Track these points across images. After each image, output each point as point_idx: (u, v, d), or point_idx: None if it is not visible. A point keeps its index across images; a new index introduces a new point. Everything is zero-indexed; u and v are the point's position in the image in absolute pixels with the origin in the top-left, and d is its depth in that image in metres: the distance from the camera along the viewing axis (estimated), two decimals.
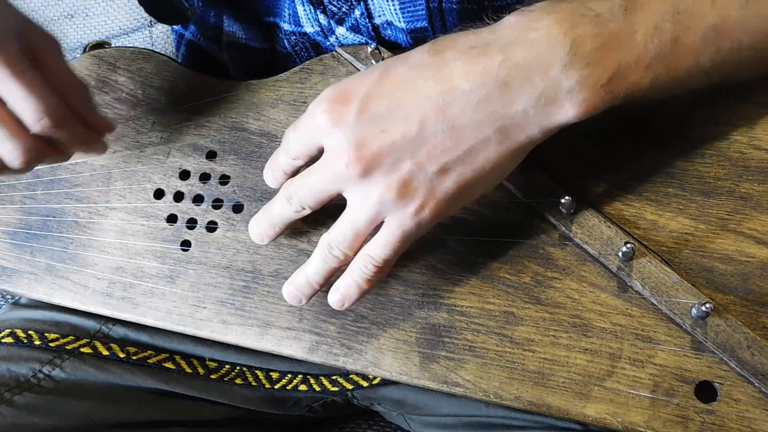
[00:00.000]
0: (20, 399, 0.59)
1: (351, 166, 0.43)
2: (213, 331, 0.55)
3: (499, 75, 0.41)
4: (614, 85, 0.41)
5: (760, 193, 0.49)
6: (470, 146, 0.42)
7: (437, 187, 0.43)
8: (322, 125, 0.44)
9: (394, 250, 0.46)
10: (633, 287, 0.49)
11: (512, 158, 0.43)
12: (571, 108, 0.41)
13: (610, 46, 0.41)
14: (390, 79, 0.43)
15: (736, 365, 0.47)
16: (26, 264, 0.60)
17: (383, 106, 0.43)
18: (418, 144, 0.42)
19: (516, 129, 0.42)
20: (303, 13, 0.58)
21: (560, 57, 0.40)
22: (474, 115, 0.41)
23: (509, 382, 0.49)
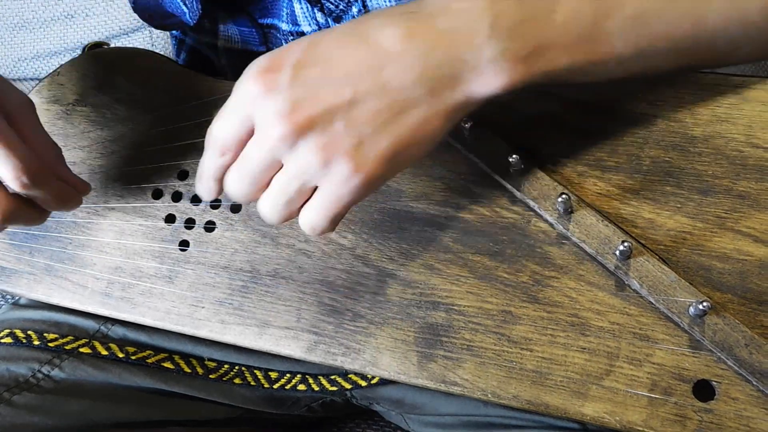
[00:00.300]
0: (19, 399, 0.59)
1: (285, 131, 0.42)
2: (211, 330, 0.55)
3: (426, 40, 0.42)
4: (533, 61, 0.43)
5: (757, 191, 0.49)
6: (402, 107, 0.42)
7: (372, 149, 0.43)
8: (254, 95, 0.43)
9: (331, 217, 0.45)
10: (631, 286, 0.49)
11: (444, 120, 0.44)
12: (492, 77, 0.43)
13: (530, 23, 0.42)
14: (320, 46, 0.43)
15: (734, 364, 0.46)
16: (25, 264, 0.60)
17: (315, 71, 0.43)
18: (351, 107, 0.42)
19: (444, 92, 0.43)
20: (300, 11, 0.58)
21: (483, 28, 0.42)
22: (404, 78, 0.42)
23: (507, 381, 0.49)
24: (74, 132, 0.63)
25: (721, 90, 0.51)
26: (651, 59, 0.45)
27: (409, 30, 0.42)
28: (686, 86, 0.52)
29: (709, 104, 0.51)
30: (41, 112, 0.63)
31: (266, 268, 0.55)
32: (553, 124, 0.53)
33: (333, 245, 0.54)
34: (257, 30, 0.63)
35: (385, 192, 0.55)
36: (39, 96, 0.64)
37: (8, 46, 1.04)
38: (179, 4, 0.60)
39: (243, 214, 0.57)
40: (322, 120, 0.42)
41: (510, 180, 0.52)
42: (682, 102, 0.51)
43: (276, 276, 0.55)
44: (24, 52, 1.03)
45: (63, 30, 1.01)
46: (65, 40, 1.02)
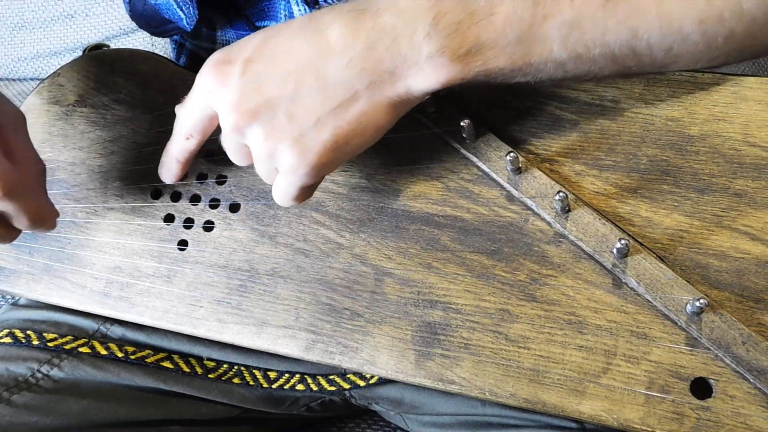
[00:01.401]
0: (19, 398, 0.59)
1: (235, 121, 0.46)
2: (209, 330, 0.56)
3: (369, 36, 0.45)
4: (470, 59, 0.44)
5: (754, 189, 0.49)
6: (342, 100, 0.45)
7: (314, 140, 0.46)
8: (211, 86, 0.47)
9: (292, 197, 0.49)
10: (628, 284, 0.49)
11: (385, 113, 0.46)
12: (430, 73, 0.44)
13: (469, 23, 0.44)
14: (271, 42, 0.46)
15: (732, 361, 0.47)
16: (24, 264, 0.61)
17: (262, 66, 0.46)
18: (292, 100, 0.45)
19: (384, 86, 0.45)
20: (298, 13, 0.59)
21: (423, 26, 0.44)
22: (345, 73, 0.45)
23: (504, 379, 0.49)
24: (74, 132, 0.63)
25: (718, 89, 0.51)
26: (588, 64, 0.46)
27: (354, 26, 0.45)
28: (683, 85, 0.52)
29: (706, 103, 0.51)
30: (41, 113, 0.64)
31: (264, 267, 0.55)
32: (551, 123, 0.53)
33: (331, 244, 0.55)
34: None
35: (383, 191, 0.55)
36: (39, 97, 0.64)
37: (8, 46, 1.04)
38: (176, 10, 0.60)
39: (242, 214, 0.57)
40: (265, 111, 0.46)
41: (507, 179, 0.52)
42: (679, 101, 0.52)
43: (274, 275, 0.55)
44: (24, 52, 1.04)
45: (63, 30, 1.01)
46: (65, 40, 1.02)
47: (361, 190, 0.55)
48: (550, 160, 0.52)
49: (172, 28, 0.64)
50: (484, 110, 0.54)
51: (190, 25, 0.60)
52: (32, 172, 0.51)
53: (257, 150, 0.47)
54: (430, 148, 0.54)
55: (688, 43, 0.45)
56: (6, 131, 0.50)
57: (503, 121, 0.54)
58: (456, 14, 0.44)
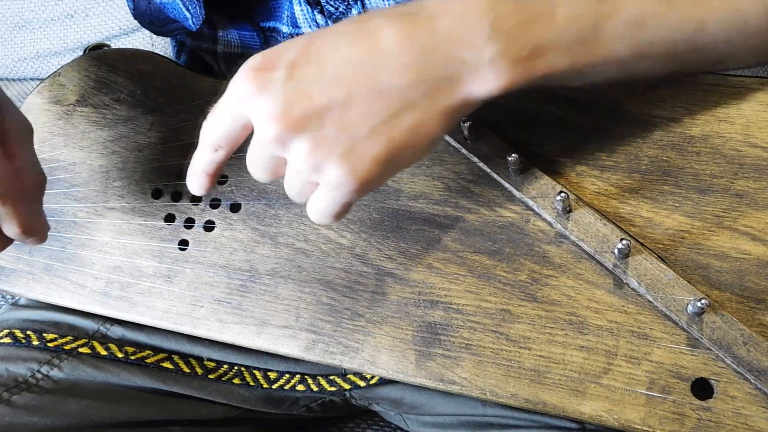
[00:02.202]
0: (18, 399, 0.59)
1: (279, 131, 0.42)
2: (210, 329, 0.55)
3: (426, 41, 0.42)
4: (533, 62, 0.42)
5: (755, 190, 0.49)
6: (397, 109, 0.42)
7: (366, 151, 0.42)
8: (248, 93, 0.42)
9: (330, 215, 0.45)
10: (629, 284, 0.49)
11: (441, 123, 0.43)
12: (492, 78, 0.42)
13: (530, 24, 0.42)
14: (316, 45, 0.43)
15: (732, 362, 0.47)
16: (24, 264, 0.61)
17: (310, 71, 0.42)
18: (344, 107, 0.41)
19: (441, 94, 0.42)
20: (300, 13, 0.59)
21: (483, 29, 0.41)
22: (400, 79, 0.41)
23: (505, 379, 0.49)
24: (74, 132, 0.63)
25: (719, 90, 0.51)
26: (650, 63, 0.45)
27: (407, 31, 0.42)
28: (685, 86, 0.52)
29: (707, 104, 0.51)
30: (42, 113, 0.64)
31: (265, 267, 0.55)
32: (552, 124, 0.53)
33: (332, 244, 0.55)
34: (259, 34, 0.63)
35: (384, 191, 0.55)
36: (40, 96, 0.64)
37: (8, 46, 1.04)
38: (181, 10, 0.60)
39: (242, 214, 0.57)
40: (313, 121, 0.41)
41: (509, 179, 0.52)
42: (680, 102, 0.52)
43: (275, 275, 0.55)
44: (24, 52, 1.04)
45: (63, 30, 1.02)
46: (65, 40, 1.02)
47: None
48: (552, 161, 0.52)
49: (177, 27, 0.64)
50: (486, 111, 0.54)
51: (196, 25, 0.60)
52: (31, 180, 0.50)
53: (299, 163, 0.43)
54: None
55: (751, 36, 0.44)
56: (10, 136, 0.49)
57: (505, 122, 0.54)
58: (516, 16, 0.42)
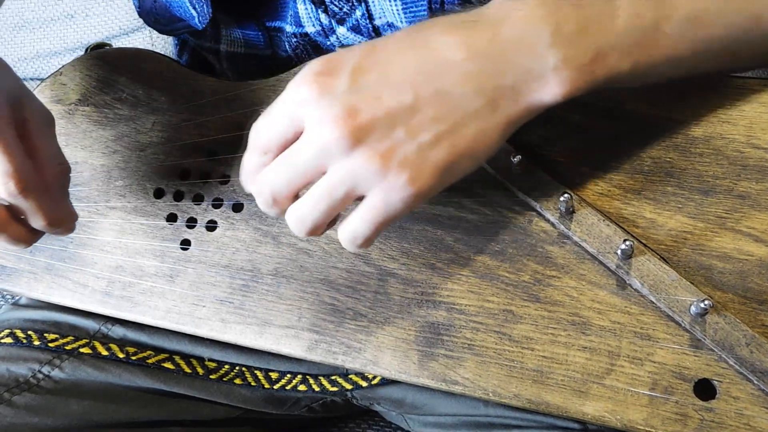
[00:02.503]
0: (19, 399, 0.59)
1: (342, 135, 0.40)
2: (212, 329, 0.55)
3: (488, 49, 0.42)
4: (595, 66, 0.42)
5: (758, 191, 0.49)
6: (462, 116, 0.42)
7: (429, 158, 0.41)
8: (308, 97, 0.41)
9: (376, 227, 0.43)
10: (632, 285, 0.49)
11: (502, 132, 0.43)
12: (556, 85, 0.42)
13: (591, 29, 0.42)
14: (379, 51, 0.42)
15: (735, 363, 0.47)
16: (26, 263, 0.60)
17: (374, 76, 0.41)
18: (411, 112, 0.41)
19: (505, 102, 0.42)
20: (304, 12, 0.59)
21: (545, 36, 0.41)
22: (465, 86, 0.41)
23: (508, 380, 0.49)
24: (76, 131, 0.63)
25: (722, 91, 0.51)
26: (707, 59, 0.45)
27: (469, 39, 0.42)
28: (687, 87, 0.52)
29: (710, 105, 0.51)
30: None
31: (267, 267, 0.55)
32: (555, 125, 0.53)
33: (334, 244, 0.54)
34: (264, 33, 0.63)
35: None
36: (41, 96, 0.64)
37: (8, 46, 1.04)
38: (188, 8, 0.60)
39: (245, 214, 0.57)
40: (383, 125, 0.41)
41: (512, 180, 0.52)
42: (683, 103, 0.52)
43: (277, 275, 0.55)
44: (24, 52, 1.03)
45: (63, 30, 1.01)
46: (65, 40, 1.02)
47: None
48: (555, 162, 0.52)
49: (182, 26, 0.63)
50: None
51: (202, 24, 0.60)
52: (53, 171, 0.51)
53: (357, 169, 0.41)
54: None
55: None
56: (31, 128, 0.50)
57: None
58: (577, 21, 0.42)
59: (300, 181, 0.43)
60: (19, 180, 0.47)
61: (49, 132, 0.52)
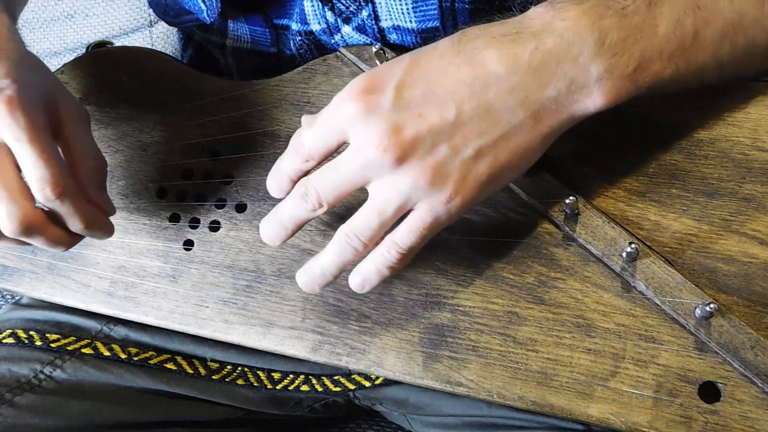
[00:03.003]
0: (21, 399, 0.58)
1: (388, 152, 0.42)
2: (215, 330, 0.55)
3: (531, 61, 0.42)
4: (639, 75, 0.43)
5: (763, 194, 0.49)
6: (505, 130, 0.42)
7: (472, 171, 0.43)
8: (354, 114, 0.43)
9: (422, 238, 0.45)
10: (636, 287, 0.49)
11: (542, 144, 0.44)
12: (599, 96, 0.43)
13: (634, 38, 0.42)
14: (422, 66, 0.43)
15: (740, 365, 0.47)
16: (28, 263, 0.60)
17: (418, 91, 0.43)
18: (454, 128, 0.42)
19: (548, 114, 0.43)
20: (311, 9, 0.58)
21: (589, 46, 0.42)
22: (508, 100, 0.42)
23: (512, 382, 0.49)
24: None
25: (727, 93, 0.51)
26: (747, 63, 0.46)
27: (511, 52, 0.42)
28: (692, 89, 0.52)
29: (715, 107, 0.51)
30: None
31: (271, 267, 0.55)
32: None
33: None
34: (271, 31, 0.63)
35: None
36: None
37: None
38: (197, 1, 0.60)
39: (248, 214, 0.57)
40: (426, 142, 0.42)
41: (517, 182, 0.52)
42: (688, 105, 0.52)
43: (281, 276, 0.55)
44: None
45: (63, 30, 1.01)
46: (65, 40, 1.01)
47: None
48: (560, 164, 0.52)
49: (191, 19, 0.63)
50: None
51: (211, 18, 0.59)
52: (89, 168, 0.50)
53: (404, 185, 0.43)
54: None
55: None
56: (66, 127, 0.49)
57: None
58: (619, 31, 0.42)
59: (346, 188, 0.45)
60: (55, 186, 0.46)
61: (84, 129, 0.51)
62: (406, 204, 0.44)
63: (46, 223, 0.48)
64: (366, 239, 0.45)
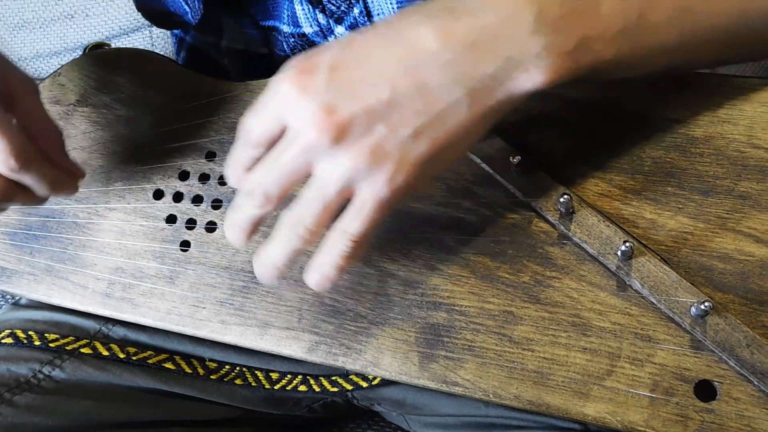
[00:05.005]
0: (20, 399, 0.59)
1: (322, 133, 0.41)
2: (212, 331, 0.55)
3: (467, 37, 0.41)
4: (579, 54, 0.41)
5: (758, 191, 0.49)
6: (442, 108, 0.41)
7: (411, 151, 0.41)
8: (288, 96, 0.41)
9: (371, 221, 0.43)
10: (632, 286, 0.49)
11: (483, 122, 0.43)
12: (537, 73, 0.41)
13: (575, 16, 0.41)
14: (357, 46, 0.42)
15: (736, 364, 0.46)
16: (26, 265, 0.60)
17: (353, 72, 0.41)
18: (390, 107, 0.41)
19: (485, 92, 0.41)
20: (302, 12, 0.58)
21: (528, 22, 0.41)
22: (444, 77, 0.41)
23: (508, 381, 0.49)
24: (75, 133, 0.63)
25: (722, 91, 0.51)
26: (696, 51, 0.45)
27: (447, 28, 0.41)
28: (687, 87, 0.52)
29: (710, 105, 0.51)
30: None
31: None
32: (555, 125, 0.53)
33: None
34: (259, 32, 0.63)
35: None
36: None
37: (8, 46, 1.04)
38: (181, 4, 0.60)
39: None
40: (362, 122, 0.41)
41: (511, 180, 0.52)
42: (683, 102, 0.51)
43: None
44: (24, 52, 1.03)
45: (63, 30, 1.01)
46: (65, 40, 1.01)
47: None
48: (554, 162, 0.52)
49: (178, 21, 0.63)
50: None
51: (195, 20, 0.60)
52: (47, 139, 0.51)
53: (343, 167, 0.41)
54: None
55: None
56: (18, 99, 0.49)
57: (507, 123, 0.53)
58: (560, 8, 0.41)
59: (288, 178, 0.43)
60: (18, 156, 0.47)
61: (35, 100, 0.52)
62: (347, 186, 0.42)
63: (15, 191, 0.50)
64: (311, 226, 0.43)
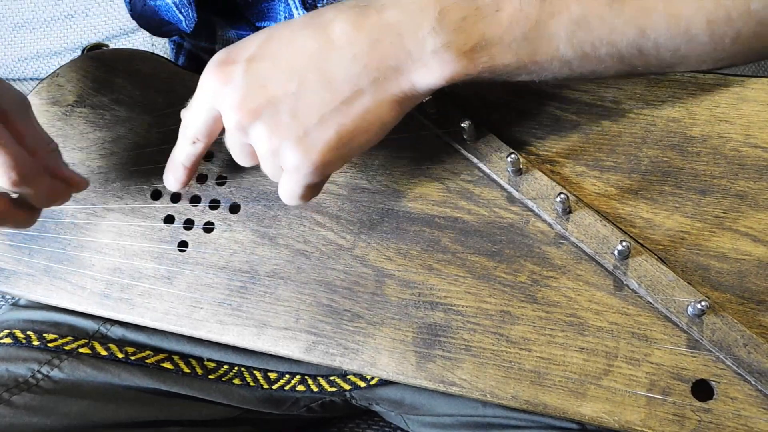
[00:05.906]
0: (19, 399, 0.59)
1: (237, 120, 0.46)
2: (210, 331, 0.55)
3: (372, 33, 0.44)
4: (476, 55, 0.44)
5: (755, 191, 0.49)
6: (346, 97, 0.45)
7: (318, 136, 0.45)
8: (213, 87, 0.47)
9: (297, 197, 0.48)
10: (629, 286, 0.49)
11: (390, 109, 0.46)
12: (435, 69, 0.44)
13: (474, 19, 0.44)
14: (274, 40, 0.46)
15: (733, 363, 0.46)
16: (24, 265, 0.61)
17: (266, 64, 0.46)
18: (296, 98, 0.45)
19: (389, 82, 0.45)
20: (298, 16, 0.58)
21: (429, 21, 0.44)
22: (348, 69, 0.45)
23: (506, 381, 0.49)
24: (73, 133, 0.63)
25: (719, 90, 0.51)
26: (595, 62, 0.46)
27: (357, 22, 0.44)
28: (685, 86, 0.52)
29: (707, 104, 0.51)
30: (40, 114, 0.63)
31: (265, 268, 0.55)
32: (552, 124, 0.53)
33: (331, 245, 0.54)
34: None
35: (384, 192, 0.55)
36: (38, 97, 0.64)
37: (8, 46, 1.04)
38: (175, 13, 0.60)
39: (242, 215, 0.57)
40: (268, 110, 0.45)
41: (508, 180, 0.52)
42: (680, 102, 0.51)
43: (274, 276, 0.55)
44: (24, 52, 1.04)
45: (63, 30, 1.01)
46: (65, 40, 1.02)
47: (361, 191, 0.55)
48: (551, 161, 0.52)
49: (173, 29, 0.64)
50: (485, 111, 0.54)
51: (189, 27, 0.60)
52: (44, 152, 0.52)
53: (261, 149, 0.47)
54: (431, 149, 0.54)
55: (695, 44, 0.45)
56: (13, 117, 0.51)
57: (504, 122, 0.54)
58: (461, 10, 0.44)
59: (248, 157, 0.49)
60: (19, 170, 0.48)
61: (29, 116, 0.53)
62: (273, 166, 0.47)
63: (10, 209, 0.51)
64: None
